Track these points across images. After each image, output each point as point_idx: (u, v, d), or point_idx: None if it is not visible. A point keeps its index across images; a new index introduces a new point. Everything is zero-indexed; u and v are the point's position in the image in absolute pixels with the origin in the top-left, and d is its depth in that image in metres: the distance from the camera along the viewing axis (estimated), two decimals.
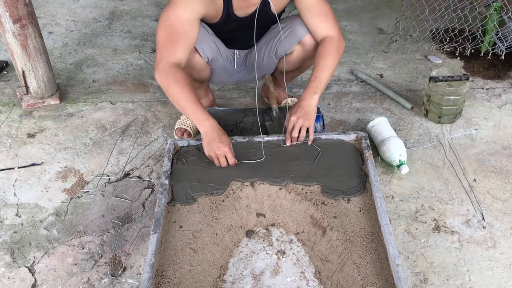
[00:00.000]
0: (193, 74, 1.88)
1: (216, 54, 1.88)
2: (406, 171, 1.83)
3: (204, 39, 1.79)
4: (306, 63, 1.98)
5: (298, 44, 1.87)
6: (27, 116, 2.25)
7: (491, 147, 2.02)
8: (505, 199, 1.78)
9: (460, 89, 2.05)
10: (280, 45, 1.89)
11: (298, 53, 1.91)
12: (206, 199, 1.67)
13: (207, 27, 1.84)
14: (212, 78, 2.02)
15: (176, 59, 1.66)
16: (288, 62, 1.94)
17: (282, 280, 1.45)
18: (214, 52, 1.86)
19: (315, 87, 1.74)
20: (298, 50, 1.90)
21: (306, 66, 2.02)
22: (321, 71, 1.75)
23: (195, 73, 1.88)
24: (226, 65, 1.97)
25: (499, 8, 2.47)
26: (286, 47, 1.89)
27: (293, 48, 1.89)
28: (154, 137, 2.12)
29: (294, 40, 1.86)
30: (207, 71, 1.92)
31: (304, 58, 1.93)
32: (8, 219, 1.74)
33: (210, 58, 1.85)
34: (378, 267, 1.45)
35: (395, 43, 2.73)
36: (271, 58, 1.95)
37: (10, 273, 1.56)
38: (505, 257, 1.58)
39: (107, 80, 2.52)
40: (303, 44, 1.87)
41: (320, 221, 1.59)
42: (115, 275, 1.55)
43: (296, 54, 1.91)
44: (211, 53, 1.85)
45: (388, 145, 1.88)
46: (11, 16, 2.05)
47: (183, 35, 1.66)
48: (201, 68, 1.87)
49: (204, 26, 1.82)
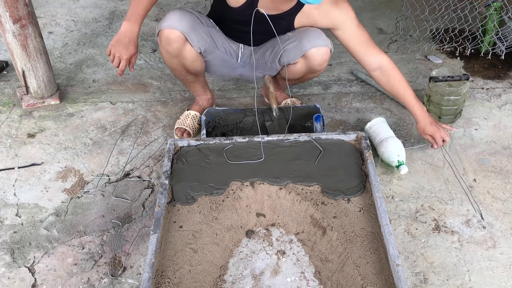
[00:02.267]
0: (185, 64, 1.88)
1: (209, 46, 1.88)
2: (405, 172, 1.83)
3: (195, 29, 1.80)
4: (308, 75, 1.99)
5: (302, 57, 1.88)
6: (27, 116, 2.25)
7: (491, 147, 2.02)
8: (505, 199, 1.78)
9: (460, 89, 2.05)
10: (285, 53, 1.90)
11: (301, 65, 1.92)
12: (206, 199, 1.67)
13: (205, 18, 1.86)
14: (211, 70, 2.03)
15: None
16: (291, 71, 1.95)
17: (282, 280, 1.45)
18: (207, 43, 1.86)
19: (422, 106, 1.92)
20: (302, 62, 1.91)
21: (308, 78, 2.03)
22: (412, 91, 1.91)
23: (187, 63, 1.88)
24: (225, 58, 1.97)
25: (499, 8, 2.47)
26: (290, 57, 1.89)
27: (297, 60, 1.90)
28: (154, 137, 2.12)
29: (299, 52, 1.87)
30: (199, 62, 1.92)
31: (306, 71, 1.94)
32: (8, 219, 1.74)
33: (202, 49, 1.86)
34: (378, 267, 1.45)
35: (395, 43, 2.73)
36: (274, 63, 1.96)
37: (10, 273, 1.56)
38: (505, 257, 1.58)
39: (107, 80, 2.52)
40: (307, 58, 1.87)
41: (320, 221, 1.59)
42: (115, 275, 1.55)
43: (299, 66, 1.93)
44: (204, 44, 1.85)
45: (386, 146, 1.88)
46: (11, 16, 2.05)
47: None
48: (193, 58, 1.87)
49: (199, 16, 1.84)
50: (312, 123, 2.03)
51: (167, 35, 1.78)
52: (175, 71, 1.95)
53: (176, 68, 1.92)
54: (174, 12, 1.80)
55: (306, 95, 2.37)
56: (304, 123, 2.06)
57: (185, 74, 1.96)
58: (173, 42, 1.79)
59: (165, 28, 1.78)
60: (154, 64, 2.65)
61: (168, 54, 1.85)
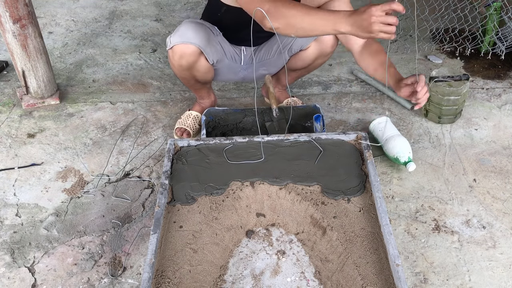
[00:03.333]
0: (197, 76, 1.88)
1: (221, 55, 1.88)
2: (413, 169, 1.84)
3: (210, 42, 1.79)
4: (318, 61, 1.98)
5: (315, 40, 1.88)
6: (27, 116, 2.25)
7: (491, 147, 2.02)
8: (505, 199, 1.78)
9: (460, 89, 2.05)
10: (296, 40, 1.89)
11: (312, 50, 1.92)
12: (206, 199, 1.67)
13: (213, 27, 1.85)
14: (217, 77, 2.03)
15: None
16: (300, 59, 1.95)
17: (282, 280, 1.45)
18: (220, 53, 1.87)
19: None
20: (314, 46, 1.91)
21: (316, 65, 2.02)
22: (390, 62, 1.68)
23: (199, 75, 1.88)
24: (231, 65, 1.97)
25: (499, 8, 2.47)
26: (303, 42, 1.89)
27: (310, 44, 1.90)
28: (154, 137, 2.12)
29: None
30: (211, 73, 1.93)
31: (317, 56, 1.94)
32: (8, 219, 1.74)
33: (215, 60, 1.86)
34: (378, 267, 1.45)
35: (395, 43, 2.73)
36: (281, 55, 1.95)
37: (10, 273, 1.56)
38: (505, 257, 1.58)
39: (107, 80, 2.52)
40: (320, 40, 1.88)
41: (320, 221, 1.59)
42: (115, 275, 1.55)
43: (310, 51, 1.92)
44: (217, 56, 1.85)
45: (398, 140, 1.89)
46: (11, 16, 2.05)
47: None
48: (206, 70, 1.87)
49: (209, 26, 1.83)
50: (312, 123, 2.03)
51: (182, 50, 1.76)
52: (184, 79, 1.94)
53: (186, 77, 1.91)
54: (187, 25, 1.75)
55: (306, 95, 2.37)
56: (304, 123, 2.06)
57: (194, 83, 1.96)
58: (188, 56, 1.77)
59: (179, 44, 1.75)
60: (154, 64, 2.65)
61: (180, 67, 1.83)
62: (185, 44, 1.75)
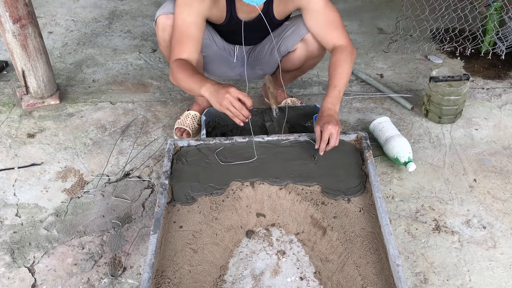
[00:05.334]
0: None
1: (209, 41, 1.87)
2: (413, 169, 1.84)
3: None
4: (308, 62, 1.97)
5: (301, 42, 1.87)
6: (27, 116, 2.25)
7: (491, 147, 2.02)
8: (505, 199, 1.78)
9: (460, 89, 2.05)
10: (283, 42, 1.88)
11: (300, 52, 1.91)
12: (206, 199, 1.67)
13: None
14: (209, 68, 2.02)
15: (183, 57, 1.70)
16: (290, 60, 1.95)
17: (282, 280, 1.44)
18: (207, 38, 1.86)
19: (336, 97, 1.72)
20: (301, 48, 1.90)
21: (308, 66, 2.01)
22: (338, 80, 1.73)
23: None
24: (223, 54, 1.96)
25: (499, 8, 2.47)
26: (289, 45, 1.89)
27: (296, 45, 1.89)
28: (154, 137, 2.12)
29: (297, 37, 1.86)
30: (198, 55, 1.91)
31: (307, 57, 1.93)
32: (8, 219, 1.74)
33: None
34: (378, 267, 1.45)
35: (395, 43, 2.73)
36: (273, 55, 1.95)
37: (10, 273, 1.56)
38: (505, 257, 1.58)
39: (107, 80, 2.52)
40: (306, 42, 1.87)
41: (320, 221, 1.59)
42: (115, 275, 1.54)
43: (298, 53, 1.91)
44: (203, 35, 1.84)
45: (398, 140, 1.89)
46: (11, 16, 2.05)
47: (190, 37, 1.71)
48: None
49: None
50: (312, 123, 2.03)
51: (164, 21, 1.76)
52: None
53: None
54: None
55: (306, 95, 2.37)
56: (304, 123, 2.06)
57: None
58: (170, 28, 1.76)
59: (162, 14, 1.76)
60: (154, 64, 2.65)
61: (164, 42, 1.83)
62: (166, 14, 1.75)
